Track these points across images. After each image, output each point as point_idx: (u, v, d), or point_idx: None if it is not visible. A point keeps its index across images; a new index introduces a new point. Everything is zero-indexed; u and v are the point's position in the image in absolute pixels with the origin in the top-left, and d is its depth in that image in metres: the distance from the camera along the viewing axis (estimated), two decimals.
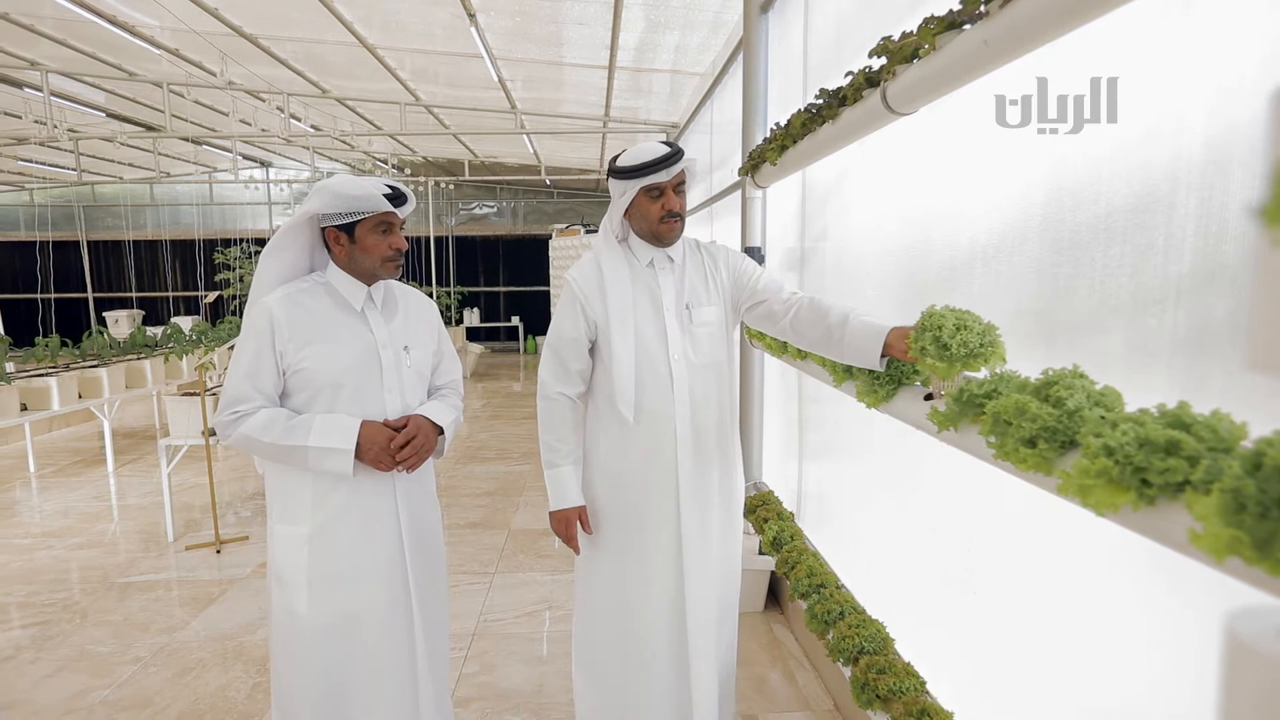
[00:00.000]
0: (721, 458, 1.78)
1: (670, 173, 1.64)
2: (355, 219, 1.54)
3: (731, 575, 1.86)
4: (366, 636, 1.61)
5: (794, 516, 2.92)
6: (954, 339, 1.15)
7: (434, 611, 1.73)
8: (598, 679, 1.82)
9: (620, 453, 1.75)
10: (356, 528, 1.59)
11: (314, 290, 1.59)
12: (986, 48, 1.24)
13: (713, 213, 4.79)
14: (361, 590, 1.60)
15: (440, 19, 4.39)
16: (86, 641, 2.82)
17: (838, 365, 1.76)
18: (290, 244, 1.60)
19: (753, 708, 2.34)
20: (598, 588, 1.79)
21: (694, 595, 1.71)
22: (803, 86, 2.85)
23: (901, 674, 1.68)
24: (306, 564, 1.56)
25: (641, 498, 1.74)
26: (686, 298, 1.74)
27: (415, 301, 1.75)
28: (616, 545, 1.77)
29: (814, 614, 2.07)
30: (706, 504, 1.75)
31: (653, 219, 1.68)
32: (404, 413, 1.62)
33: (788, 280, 1.70)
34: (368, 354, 1.59)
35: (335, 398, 1.56)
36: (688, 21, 4.00)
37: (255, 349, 1.52)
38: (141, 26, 5.07)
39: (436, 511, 1.79)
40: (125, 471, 5.36)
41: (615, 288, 1.71)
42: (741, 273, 1.79)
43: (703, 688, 1.72)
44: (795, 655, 2.67)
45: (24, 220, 11.67)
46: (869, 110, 1.72)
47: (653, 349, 1.70)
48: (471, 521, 4.19)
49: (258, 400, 1.54)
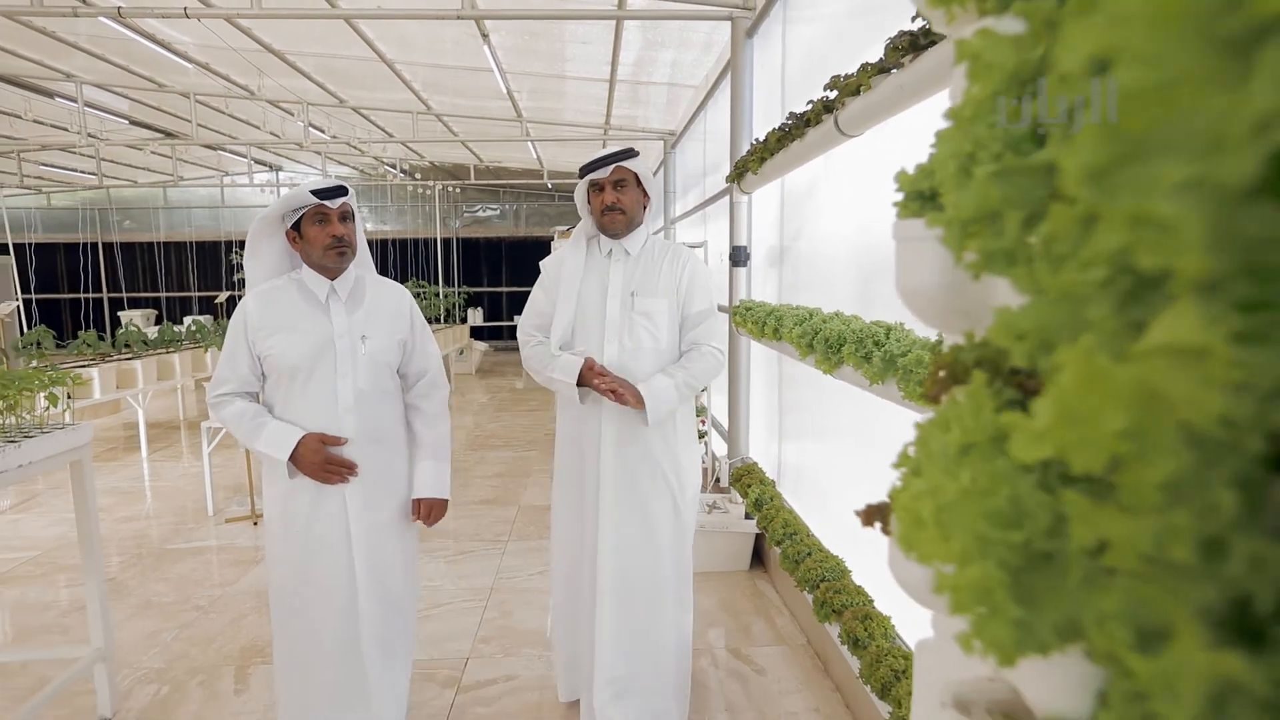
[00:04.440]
0: (659, 440, 1.91)
1: (606, 171, 1.86)
2: (297, 215, 1.73)
3: (669, 555, 1.96)
4: (313, 599, 1.78)
5: (774, 484, 3.30)
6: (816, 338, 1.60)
7: (386, 587, 1.84)
8: (558, 601, 2.13)
9: (565, 419, 2.01)
10: (310, 499, 1.75)
11: (286, 286, 1.77)
12: (902, 90, 1.62)
13: (705, 215, 5.17)
14: (311, 560, 1.76)
15: (455, 37, 4.77)
16: (150, 595, 3.19)
17: (801, 343, 2.14)
18: (259, 248, 1.82)
19: (739, 644, 2.71)
20: (555, 526, 2.11)
21: (604, 562, 1.90)
22: (781, 102, 3.24)
23: (853, 593, 2.06)
24: (278, 524, 1.77)
25: (576, 463, 1.97)
26: (634, 286, 1.90)
27: (384, 292, 1.87)
28: (563, 500, 2.05)
29: (786, 555, 2.45)
30: (634, 483, 1.91)
31: (595, 212, 1.91)
32: (357, 397, 1.75)
33: (716, 335, 1.93)
34: (324, 342, 1.72)
35: (293, 381, 1.72)
36: (682, 41, 4.39)
37: (233, 339, 1.75)
38: (176, 43, 5.45)
39: (396, 500, 1.87)
40: (158, 458, 5.73)
41: (567, 272, 1.93)
42: (690, 291, 1.93)
43: (605, 652, 1.91)
44: (776, 604, 3.04)
45: (43, 223, 12.06)
46: (825, 132, 2.10)
47: (591, 327, 1.90)
48: (485, 499, 4.57)
49: (231, 384, 1.75)
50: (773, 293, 3.44)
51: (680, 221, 6.48)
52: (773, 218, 3.45)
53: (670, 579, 1.96)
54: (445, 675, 2.53)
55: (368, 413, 1.76)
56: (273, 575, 1.81)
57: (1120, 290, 0.29)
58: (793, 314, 2.38)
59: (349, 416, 1.73)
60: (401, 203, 13.34)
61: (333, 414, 1.72)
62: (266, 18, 3.37)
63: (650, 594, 1.94)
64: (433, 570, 3.40)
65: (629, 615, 1.93)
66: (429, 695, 2.41)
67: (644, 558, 1.92)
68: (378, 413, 1.79)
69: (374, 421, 1.78)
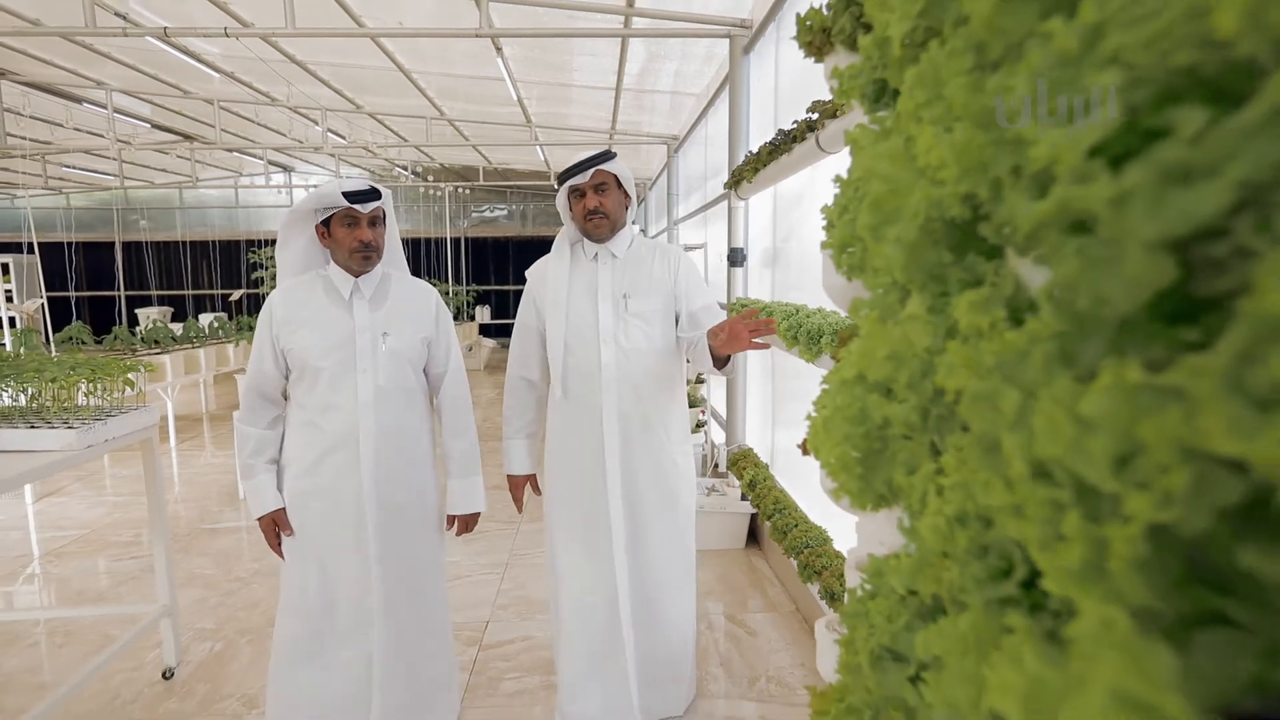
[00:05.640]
0: (659, 440, 1.89)
1: (586, 176, 1.80)
2: (328, 214, 1.72)
3: (677, 555, 1.96)
4: (332, 594, 1.78)
5: (768, 467, 3.56)
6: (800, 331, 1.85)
7: (408, 604, 1.82)
8: (556, 621, 2.05)
9: (561, 429, 1.93)
10: (328, 484, 1.75)
11: (312, 282, 1.78)
12: None
13: (706, 217, 5.43)
14: (328, 554, 1.77)
15: (468, 48, 5.05)
16: (194, 567, 3.48)
17: (788, 336, 2.40)
18: (290, 241, 1.81)
19: (734, 611, 2.98)
20: (553, 548, 2.01)
21: (620, 569, 1.87)
22: (774, 114, 3.50)
23: (831, 556, 2.32)
24: (291, 509, 1.78)
25: (575, 474, 1.91)
26: (624, 288, 1.86)
27: (409, 291, 1.86)
28: (560, 519, 1.97)
29: (776, 527, 2.72)
30: (636, 484, 1.89)
31: (578, 217, 1.85)
32: (376, 393, 1.74)
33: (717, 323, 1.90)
34: (345, 338, 1.73)
35: (316, 377, 1.72)
36: (684, 54, 4.66)
37: (259, 335, 1.77)
38: (204, 54, 5.74)
39: (418, 503, 1.85)
40: (186, 448, 6.03)
41: (554, 278, 1.88)
42: (689, 289, 1.91)
43: (631, 663, 1.91)
44: (769, 578, 3.31)
45: (61, 223, 12.40)
46: (808, 149, 2.36)
47: (585, 333, 1.85)
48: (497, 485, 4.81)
49: (254, 396, 1.77)
50: (767, 291, 3.71)
51: (683, 223, 6.74)
52: (767, 222, 3.72)
53: (685, 584, 2.00)
54: (469, 636, 2.81)
55: (387, 409, 1.75)
56: (287, 579, 1.81)
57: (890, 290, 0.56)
58: (782, 310, 2.64)
59: (368, 412, 1.73)
60: (412, 203, 13.67)
61: (351, 410, 1.72)
62: (300, 36, 3.65)
63: (669, 602, 1.96)
64: (452, 548, 3.67)
65: (654, 630, 1.94)
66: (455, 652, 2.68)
67: (662, 571, 1.93)
68: (397, 410, 1.77)
69: (394, 419, 1.76)
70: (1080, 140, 0.32)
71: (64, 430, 2.02)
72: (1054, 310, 0.35)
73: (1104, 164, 0.31)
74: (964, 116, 0.41)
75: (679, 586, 1.98)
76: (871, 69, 0.66)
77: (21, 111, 6.58)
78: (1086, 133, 0.32)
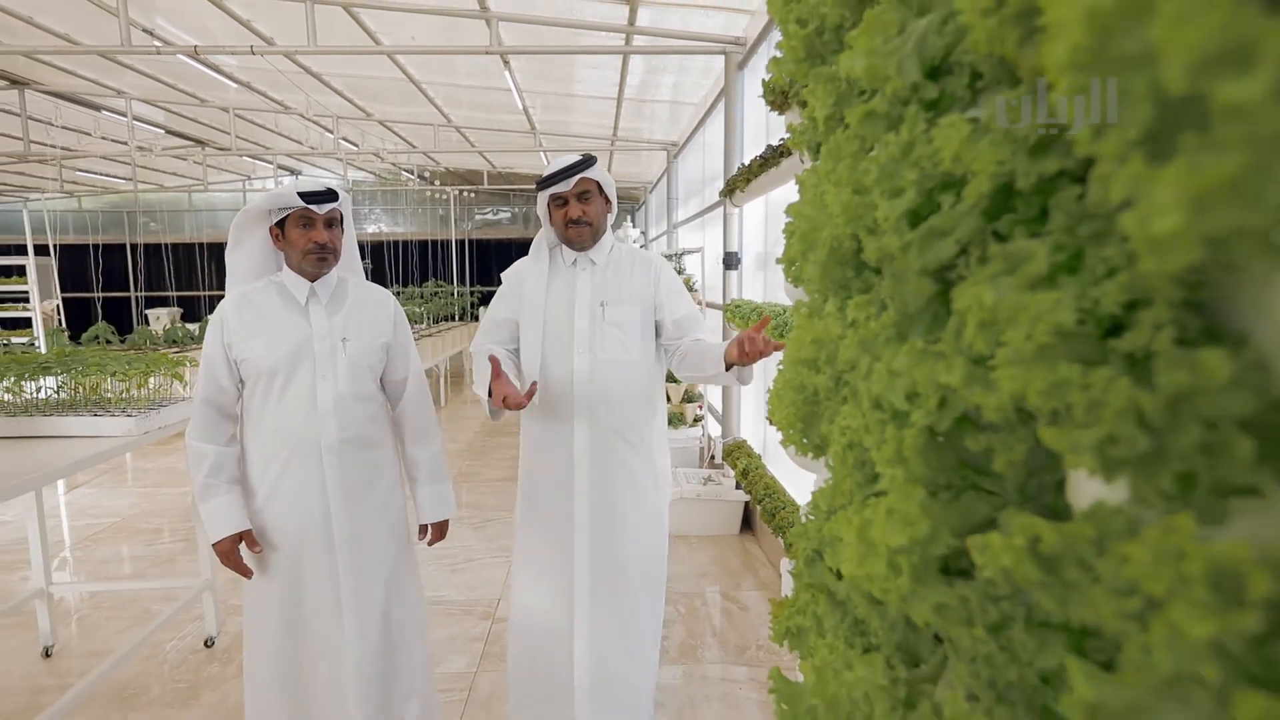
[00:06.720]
0: (634, 450, 1.82)
1: (569, 183, 1.73)
2: (283, 215, 1.63)
3: (646, 553, 1.87)
4: (301, 612, 1.70)
5: (760, 457, 3.80)
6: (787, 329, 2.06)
7: (377, 609, 1.73)
8: (516, 625, 1.93)
9: (534, 434, 1.86)
10: (291, 504, 1.66)
11: (266, 289, 1.69)
12: None
13: (704, 222, 5.67)
14: (296, 575, 1.69)
15: (477, 61, 5.29)
16: None
17: (774, 334, 2.63)
18: (242, 242, 1.73)
19: (729, 590, 3.22)
20: (521, 550, 1.93)
21: (581, 576, 1.80)
22: (766, 126, 3.74)
23: None
24: (256, 533, 1.68)
25: (546, 479, 1.84)
26: (603, 296, 1.79)
27: (367, 296, 1.78)
28: (532, 521, 1.89)
29: (765, 509, 2.95)
30: (609, 492, 1.81)
31: (559, 226, 1.78)
32: (336, 401, 1.65)
33: (703, 330, 1.87)
34: (302, 344, 1.64)
35: (271, 385, 1.63)
36: (682, 67, 4.90)
37: (210, 346, 1.67)
38: (222, 65, 5.99)
39: (383, 514, 1.76)
40: None
41: (530, 285, 1.81)
42: (671, 297, 1.84)
43: (583, 671, 1.82)
44: (760, 560, 3.55)
45: (74, 225, 12.68)
46: (793, 164, 2.60)
47: (561, 341, 1.79)
48: (504, 477, 5.09)
49: (204, 413, 1.65)
50: (760, 293, 3.95)
51: (682, 227, 6.98)
52: (759, 227, 3.95)
53: (646, 632, 1.89)
54: (481, 610, 3.04)
55: (349, 417, 1.67)
56: (253, 607, 1.76)
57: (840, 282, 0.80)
58: (771, 310, 2.87)
59: (329, 420, 1.64)
60: (417, 206, 13.93)
61: (311, 418, 1.63)
62: (321, 54, 3.89)
63: (628, 652, 1.87)
64: (465, 535, 3.92)
65: (608, 642, 1.85)
66: (469, 625, 2.92)
67: (621, 583, 1.84)
68: (359, 417, 1.69)
69: (356, 426, 1.68)
70: (895, 208, 0.55)
71: (124, 418, 2.25)
72: (892, 308, 0.58)
73: (905, 223, 0.54)
74: (847, 184, 0.64)
75: (640, 636, 1.86)
76: (811, 132, 0.89)
77: (54, 122, 6.82)
78: (901, 203, 0.55)
